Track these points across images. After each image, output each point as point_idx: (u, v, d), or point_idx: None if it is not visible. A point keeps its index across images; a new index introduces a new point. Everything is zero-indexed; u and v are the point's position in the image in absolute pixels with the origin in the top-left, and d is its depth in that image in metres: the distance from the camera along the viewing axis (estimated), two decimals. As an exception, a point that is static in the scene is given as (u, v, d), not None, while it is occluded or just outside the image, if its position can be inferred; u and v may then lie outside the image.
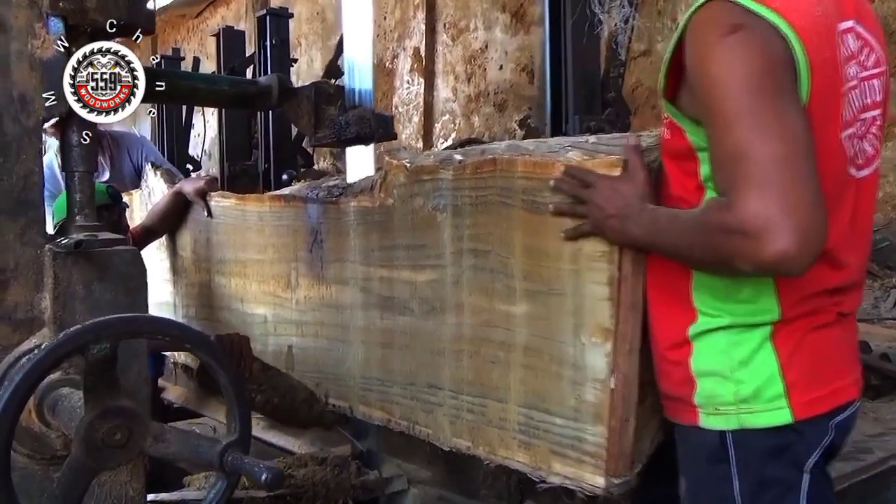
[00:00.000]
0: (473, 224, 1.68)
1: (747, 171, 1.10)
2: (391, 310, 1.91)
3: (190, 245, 2.77)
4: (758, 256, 1.09)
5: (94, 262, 1.40)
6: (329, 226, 2.11)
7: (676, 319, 1.35)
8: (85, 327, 1.11)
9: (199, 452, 1.28)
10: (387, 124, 2.12)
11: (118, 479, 1.53)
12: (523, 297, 1.58)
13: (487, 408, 1.68)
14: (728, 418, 1.29)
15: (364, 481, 2.39)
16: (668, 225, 1.25)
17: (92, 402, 1.18)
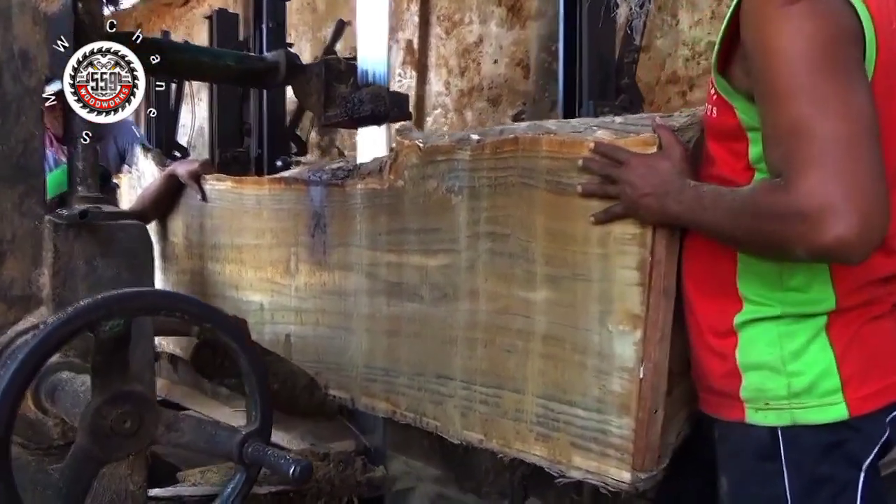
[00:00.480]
0: (492, 206, 1.61)
1: (807, 151, 1.04)
2: (399, 296, 1.83)
3: (182, 230, 2.67)
4: (815, 241, 1.02)
5: (97, 236, 1.31)
6: (333, 209, 2.02)
7: (719, 308, 1.28)
8: (97, 301, 1.01)
9: (216, 443, 1.19)
10: (402, 104, 2.06)
11: (117, 473, 1.45)
12: (544, 283, 1.51)
13: (502, 399, 1.60)
14: (780, 414, 1.23)
15: (370, 478, 2.31)
16: (714, 203, 1.18)
17: (100, 385, 1.09)
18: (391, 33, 7.40)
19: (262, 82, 2.22)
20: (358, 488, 2.24)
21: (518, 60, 5.65)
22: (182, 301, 1.12)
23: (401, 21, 6.85)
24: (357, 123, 2.10)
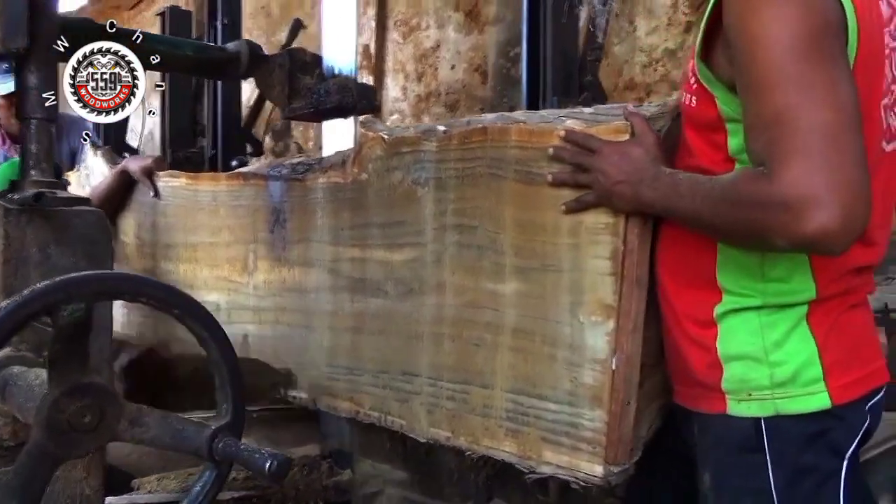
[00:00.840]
0: (459, 198, 1.57)
1: (791, 140, 1.02)
2: (363, 292, 1.79)
3: (133, 230, 2.59)
4: (798, 232, 1.01)
5: (51, 222, 1.25)
6: (293, 204, 1.97)
7: (697, 298, 1.26)
8: (56, 283, 0.95)
9: (183, 438, 1.13)
10: (370, 95, 2.01)
11: (73, 476, 1.38)
12: (514, 275, 1.48)
13: (470, 395, 1.56)
14: (763, 404, 1.21)
15: (337, 482, 2.27)
16: (691, 190, 1.16)
17: (57, 377, 1.02)
18: (349, 38, 7.32)
19: (223, 73, 2.14)
20: (324, 493, 2.20)
21: (476, 66, 5.63)
22: (148, 285, 1.06)
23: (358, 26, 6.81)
24: (322, 116, 2.04)
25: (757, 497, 1.22)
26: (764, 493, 1.21)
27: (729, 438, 1.25)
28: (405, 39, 6.44)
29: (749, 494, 1.23)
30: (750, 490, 1.23)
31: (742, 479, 1.24)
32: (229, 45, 2.13)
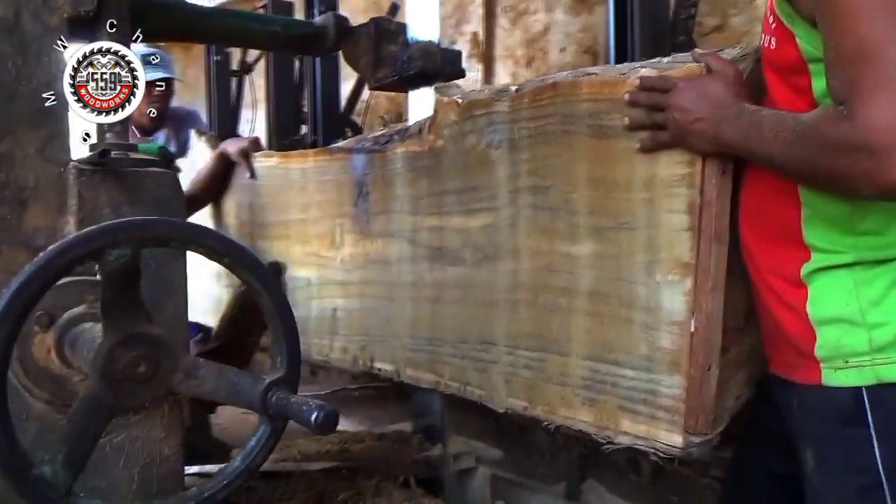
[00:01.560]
0: (532, 158, 1.51)
1: (875, 75, 0.92)
2: (441, 261, 1.75)
3: (234, 210, 2.66)
4: (883, 179, 0.92)
5: (124, 183, 1.27)
6: (375, 176, 1.96)
7: (784, 258, 1.15)
8: (101, 227, 0.96)
9: (238, 392, 1.11)
10: (455, 60, 1.93)
11: (152, 436, 1.39)
12: (588, 236, 1.41)
13: (546, 363, 1.50)
14: (862, 372, 1.09)
15: (427, 457, 2.24)
16: (774, 130, 1.06)
17: (112, 326, 1.03)
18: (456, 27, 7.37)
19: (311, 48, 2.13)
20: (414, 467, 2.17)
21: (586, 47, 5.50)
22: (195, 232, 1.04)
23: (465, 14, 6.79)
24: (407, 84, 1.99)
25: (863, 475, 1.11)
26: (871, 470, 1.10)
27: (827, 412, 1.14)
28: (513, 25, 6.37)
29: (854, 473, 1.12)
30: (856, 469, 1.12)
31: (847, 456, 1.13)
32: (317, 19, 2.14)
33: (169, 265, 1.32)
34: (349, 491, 1.92)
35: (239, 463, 1.10)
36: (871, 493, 1.10)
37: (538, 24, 5.94)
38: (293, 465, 2.07)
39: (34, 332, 1.18)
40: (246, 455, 1.10)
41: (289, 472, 2.04)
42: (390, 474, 2.09)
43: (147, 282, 1.30)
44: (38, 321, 1.19)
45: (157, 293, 1.29)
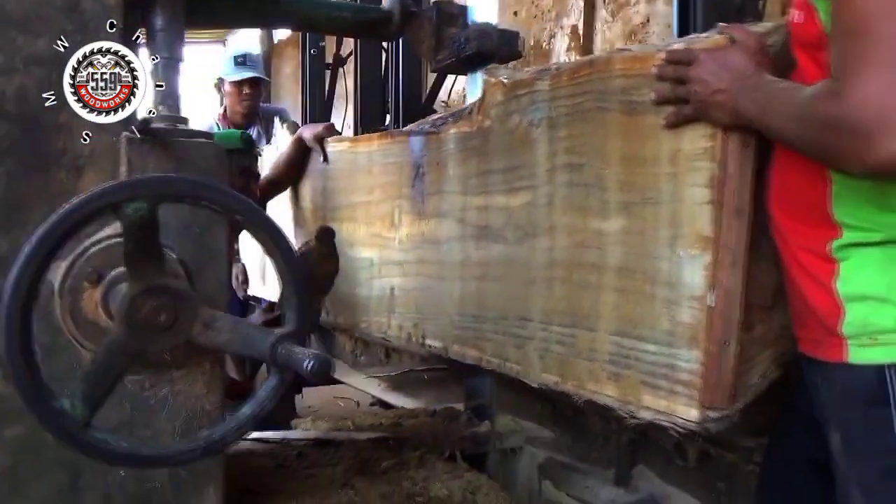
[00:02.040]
0: (569, 136, 1.53)
1: (865, 50, 0.91)
2: (486, 239, 1.79)
3: (309, 194, 2.77)
4: (869, 155, 0.91)
5: (170, 152, 1.34)
6: (430, 157, 2.01)
7: (813, 234, 1.13)
8: (119, 183, 1.05)
9: (250, 343, 1.18)
10: (512, 41, 1.96)
11: (193, 391, 1.47)
12: (618, 211, 1.42)
13: (577, 338, 1.52)
14: (888, 349, 1.07)
15: (475, 433, 2.28)
16: (783, 104, 1.06)
17: (135, 277, 1.11)
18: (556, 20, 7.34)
19: (378, 33, 2.19)
20: (461, 442, 2.21)
21: (683, 39, 5.38)
22: (209, 190, 1.09)
23: (565, 7, 6.77)
24: (465, 65, 2.01)
25: (884, 456, 1.08)
26: (893, 451, 1.07)
27: (853, 390, 1.11)
28: (614, 17, 6.29)
29: (877, 454, 1.08)
30: (879, 449, 1.08)
31: (870, 437, 1.09)
32: (384, 4, 2.19)
33: (211, 231, 1.41)
34: (393, 460, 1.98)
35: (248, 411, 1.17)
36: (893, 475, 1.07)
37: (639, 16, 5.84)
38: (344, 435, 2.15)
39: (84, 288, 1.27)
40: (256, 403, 1.17)
41: (340, 440, 2.13)
42: (436, 448, 2.14)
43: (191, 247, 1.40)
44: (88, 277, 1.28)
45: (200, 258, 1.39)
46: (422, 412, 2.41)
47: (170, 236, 1.34)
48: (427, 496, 1.91)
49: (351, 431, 2.20)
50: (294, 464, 2.03)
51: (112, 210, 1.02)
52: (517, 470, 2.13)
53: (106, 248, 1.29)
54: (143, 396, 1.44)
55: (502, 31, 1.99)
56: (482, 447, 2.19)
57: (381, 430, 2.20)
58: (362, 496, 1.85)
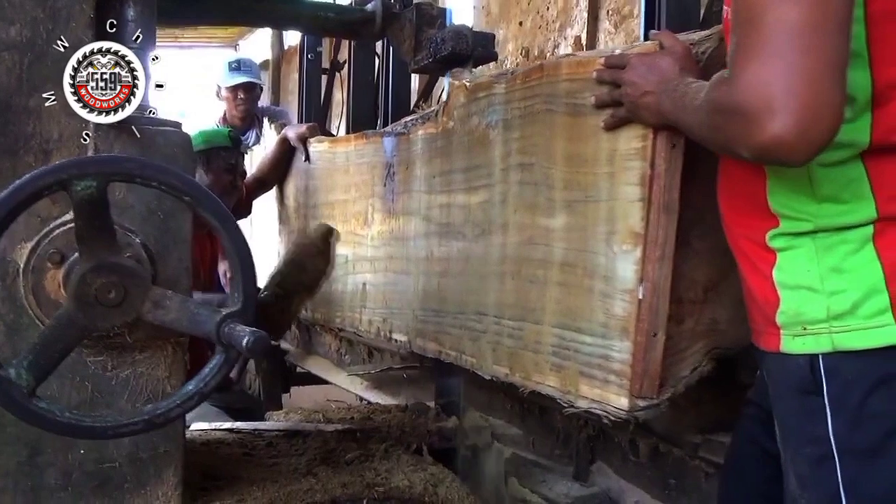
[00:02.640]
0: (521, 136, 1.59)
1: (752, 39, 0.94)
2: (448, 236, 1.86)
3: (292, 193, 2.85)
4: (753, 140, 0.94)
5: (137, 140, 1.37)
6: (400, 157, 2.08)
7: (754, 225, 1.14)
8: (69, 160, 1.10)
9: (198, 322, 1.21)
10: (488, 43, 1.99)
11: (155, 374, 1.49)
12: (562, 209, 1.48)
13: (525, 331, 1.58)
14: (818, 339, 1.07)
15: (441, 427, 2.30)
16: (691, 98, 1.11)
17: (86, 254, 1.16)
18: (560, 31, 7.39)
19: (361, 34, 2.22)
20: (429, 437, 2.24)
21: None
22: (158, 171, 1.13)
23: (569, 17, 6.84)
24: (442, 66, 2.04)
25: (815, 446, 1.09)
26: (822, 441, 1.07)
27: (787, 380, 1.12)
28: (616, 28, 6.36)
29: (810, 443, 1.09)
30: (809, 438, 1.09)
31: (802, 426, 1.11)
32: (368, 5, 2.22)
33: (175, 216, 1.44)
34: (358, 451, 2.03)
35: (192, 387, 1.21)
36: (823, 464, 1.08)
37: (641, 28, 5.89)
38: (312, 426, 2.20)
39: (47, 268, 1.32)
40: (199, 380, 1.20)
41: (308, 431, 2.18)
42: (403, 441, 2.18)
43: (154, 231, 1.43)
44: (51, 258, 1.32)
45: (163, 242, 1.42)
46: (394, 408, 2.46)
47: (134, 221, 1.40)
48: (388, 486, 1.96)
49: (319, 423, 2.25)
50: (261, 453, 2.08)
51: (61, 187, 1.06)
52: (485, 466, 2.18)
53: (70, 230, 1.32)
54: (105, 377, 1.46)
55: (478, 33, 2.02)
56: (449, 442, 2.24)
57: (351, 424, 2.25)
58: (323, 484, 1.89)
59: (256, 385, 3.82)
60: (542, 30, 7.25)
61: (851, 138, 1.02)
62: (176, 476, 1.56)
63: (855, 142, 1.03)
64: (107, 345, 1.43)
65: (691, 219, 1.34)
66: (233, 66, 3.68)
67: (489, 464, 2.23)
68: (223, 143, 2.58)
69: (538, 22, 7.44)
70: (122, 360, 1.46)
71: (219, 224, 1.18)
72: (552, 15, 7.09)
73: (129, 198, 1.42)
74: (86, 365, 1.45)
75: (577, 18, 6.72)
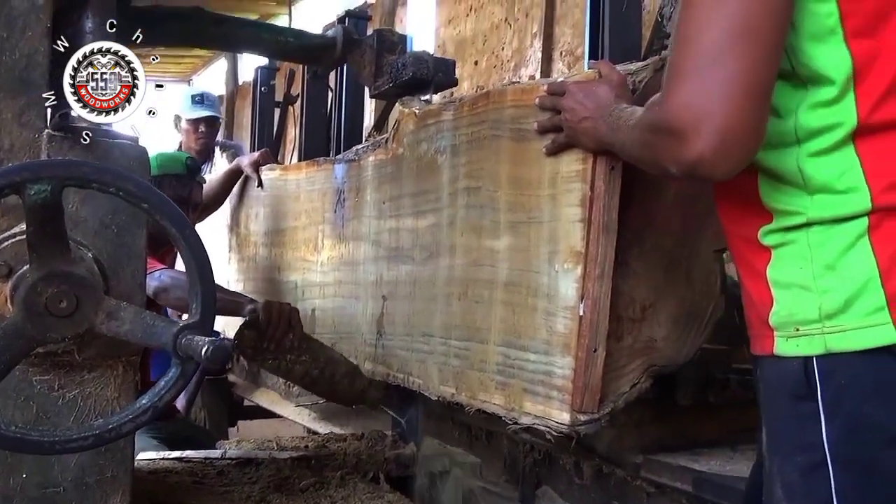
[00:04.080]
0: (468, 161, 1.64)
1: (684, 62, 0.98)
2: (396, 260, 1.89)
3: (244, 221, 2.85)
4: (681, 156, 0.97)
5: (92, 152, 1.34)
6: (350, 184, 2.12)
7: (749, 224, 1.10)
8: (23, 163, 1.07)
9: (153, 333, 1.17)
10: (448, 69, 2.00)
11: (105, 395, 1.45)
12: (506, 230, 1.52)
13: (471, 351, 1.61)
14: (811, 340, 1.02)
15: (399, 454, 2.26)
16: (625, 121, 1.16)
17: (37, 262, 1.11)
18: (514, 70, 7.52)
19: (321, 59, 2.21)
20: (386, 465, 2.20)
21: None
22: (115, 176, 1.09)
23: (524, 58, 7.01)
24: (402, 91, 2.03)
25: (807, 453, 1.03)
26: (815, 448, 1.02)
27: (779, 384, 1.07)
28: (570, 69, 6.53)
29: (801, 451, 1.04)
30: (801, 445, 1.04)
31: (794, 432, 1.05)
32: (328, 31, 2.24)
33: (129, 230, 1.41)
34: (313, 479, 2.01)
35: (146, 400, 1.17)
36: (815, 472, 1.02)
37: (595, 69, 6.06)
38: (265, 454, 2.18)
39: None
40: (154, 393, 1.17)
41: (261, 459, 2.16)
42: (359, 468, 2.17)
43: (108, 246, 1.38)
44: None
45: (116, 257, 1.39)
46: (350, 436, 2.44)
47: (86, 234, 1.36)
48: (344, 514, 1.95)
49: (273, 451, 2.23)
50: (212, 481, 2.05)
51: (14, 191, 1.02)
52: (443, 493, 2.18)
53: (19, 242, 1.28)
54: (52, 397, 1.41)
55: (438, 59, 2.03)
56: (407, 469, 2.21)
57: (305, 451, 2.23)
58: (277, 513, 1.88)
59: (202, 417, 3.77)
60: (497, 69, 7.40)
61: (838, 119, 1.00)
62: (124, 502, 1.49)
63: (842, 122, 1.00)
64: (54, 363, 1.38)
65: (629, 239, 1.40)
66: (196, 99, 3.68)
67: (447, 491, 2.23)
68: (177, 171, 2.47)
69: (493, 62, 7.59)
70: (69, 379, 1.42)
71: (177, 232, 1.14)
72: (507, 55, 7.26)
73: (81, 210, 1.38)
74: (31, 384, 1.40)
75: (532, 58, 6.88)
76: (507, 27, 7.44)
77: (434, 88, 2.04)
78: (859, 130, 1.00)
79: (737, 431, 1.89)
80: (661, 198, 1.43)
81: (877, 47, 1.00)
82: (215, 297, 1.21)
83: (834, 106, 1.00)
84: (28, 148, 1.37)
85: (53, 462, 1.41)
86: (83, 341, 1.28)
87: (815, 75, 1.00)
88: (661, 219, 1.43)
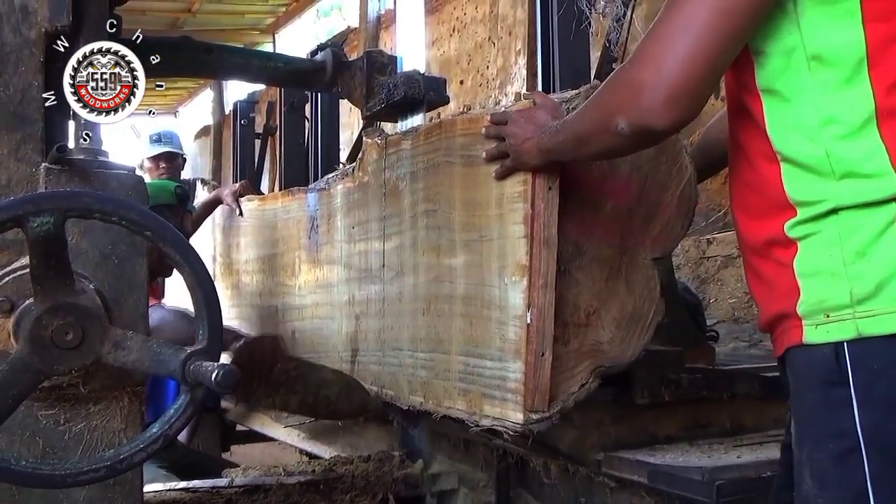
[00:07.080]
0: (426, 186, 1.77)
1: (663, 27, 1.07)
2: (366, 280, 2.01)
3: (224, 251, 2.98)
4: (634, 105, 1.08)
5: (90, 183, 1.34)
6: (322, 211, 2.25)
7: (774, 223, 1.10)
8: (25, 196, 1.07)
9: (161, 362, 1.15)
10: (439, 87, 2.05)
11: (111, 427, 1.44)
12: (462, 249, 1.65)
13: (436, 361, 1.73)
14: (842, 326, 1.02)
15: (407, 475, 2.30)
16: (564, 123, 1.29)
17: (42, 295, 1.10)
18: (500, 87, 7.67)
19: (312, 83, 2.26)
20: (394, 485, 2.24)
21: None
22: (117, 205, 1.09)
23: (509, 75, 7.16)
24: (395, 111, 2.07)
25: (840, 440, 1.03)
26: (847, 434, 1.01)
27: (810, 372, 1.06)
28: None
29: (833, 438, 1.03)
30: (833, 433, 1.03)
31: (825, 420, 1.04)
32: (318, 55, 2.28)
33: (130, 261, 1.42)
34: (323, 503, 2.07)
35: (157, 429, 1.16)
36: (848, 459, 1.02)
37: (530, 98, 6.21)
38: (273, 480, 2.21)
39: None
40: (164, 421, 1.18)
41: (269, 486, 2.18)
42: (368, 490, 2.20)
43: (109, 277, 1.39)
44: (0, 307, 1.25)
45: (118, 288, 1.39)
46: (357, 458, 2.44)
47: (87, 266, 1.36)
48: (356, 537, 1.99)
49: (280, 476, 2.25)
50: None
51: (16, 224, 1.04)
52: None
53: (20, 277, 1.28)
54: (58, 431, 1.40)
55: (429, 78, 2.10)
56: (415, 489, 2.24)
57: (313, 476, 2.25)
58: (289, 537, 1.92)
59: (196, 444, 3.86)
60: (483, 88, 7.54)
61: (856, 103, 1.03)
62: (134, 533, 1.48)
63: (860, 106, 1.03)
64: (59, 396, 1.38)
65: (571, 252, 1.53)
66: (153, 138, 3.81)
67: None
68: (167, 201, 2.54)
69: (479, 80, 7.74)
70: (75, 412, 1.41)
71: (181, 259, 1.14)
72: (492, 73, 7.40)
73: (82, 243, 1.39)
74: (37, 419, 1.39)
75: (517, 75, 7.03)
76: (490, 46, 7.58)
77: (427, 107, 2.07)
78: (880, 114, 1.02)
79: (692, 427, 2.02)
80: (598, 212, 1.56)
81: (893, 33, 1.03)
82: (222, 322, 1.21)
83: (848, 89, 1.04)
84: (26, 182, 1.37)
85: (62, 497, 1.40)
86: (88, 373, 1.27)
87: (825, 54, 1.05)
88: (600, 232, 1.56)
